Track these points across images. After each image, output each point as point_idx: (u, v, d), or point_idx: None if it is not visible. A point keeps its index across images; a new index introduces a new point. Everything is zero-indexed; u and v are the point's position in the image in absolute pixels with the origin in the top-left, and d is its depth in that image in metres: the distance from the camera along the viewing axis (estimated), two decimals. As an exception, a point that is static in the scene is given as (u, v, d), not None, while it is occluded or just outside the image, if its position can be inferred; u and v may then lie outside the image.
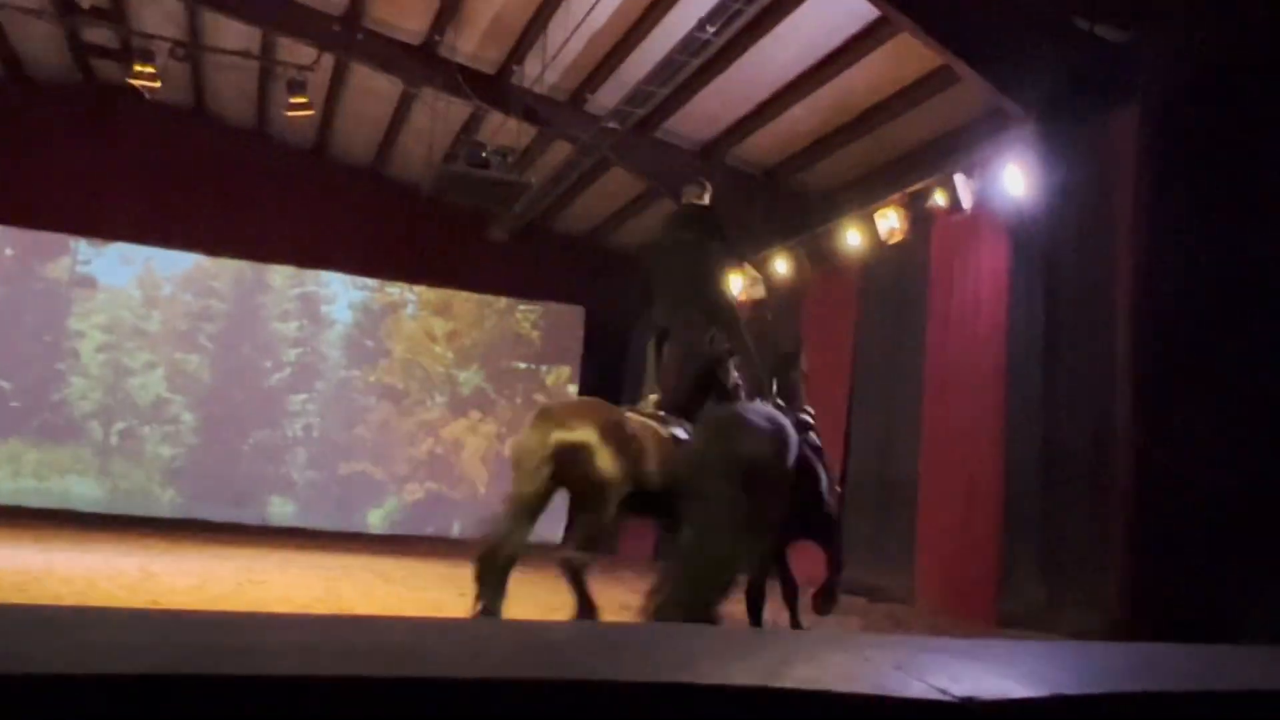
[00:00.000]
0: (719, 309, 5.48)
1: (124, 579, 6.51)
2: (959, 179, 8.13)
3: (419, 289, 15.72)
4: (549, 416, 4.92)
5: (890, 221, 8.88)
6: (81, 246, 14.51)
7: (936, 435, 8.17)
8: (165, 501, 14.22)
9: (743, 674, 2.10)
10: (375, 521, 14.91)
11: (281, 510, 14.66)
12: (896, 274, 9.13)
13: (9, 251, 14.30)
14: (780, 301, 10.89)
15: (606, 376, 15.35)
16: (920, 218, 8.69)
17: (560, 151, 11.88)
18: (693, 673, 2.15)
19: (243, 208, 14.18)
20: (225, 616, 2.15)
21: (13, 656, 1.36)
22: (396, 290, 15.72)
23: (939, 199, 8.36)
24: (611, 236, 14.76)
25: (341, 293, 15.56)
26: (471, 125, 12.14)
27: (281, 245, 14.54)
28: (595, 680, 1.92)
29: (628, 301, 15.06)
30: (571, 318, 16.12)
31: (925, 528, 8.12)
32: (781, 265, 10.64)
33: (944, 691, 1.98)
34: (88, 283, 14.49)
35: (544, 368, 15.99)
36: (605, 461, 4.77)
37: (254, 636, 1.78)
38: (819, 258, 10.30)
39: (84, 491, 13.94)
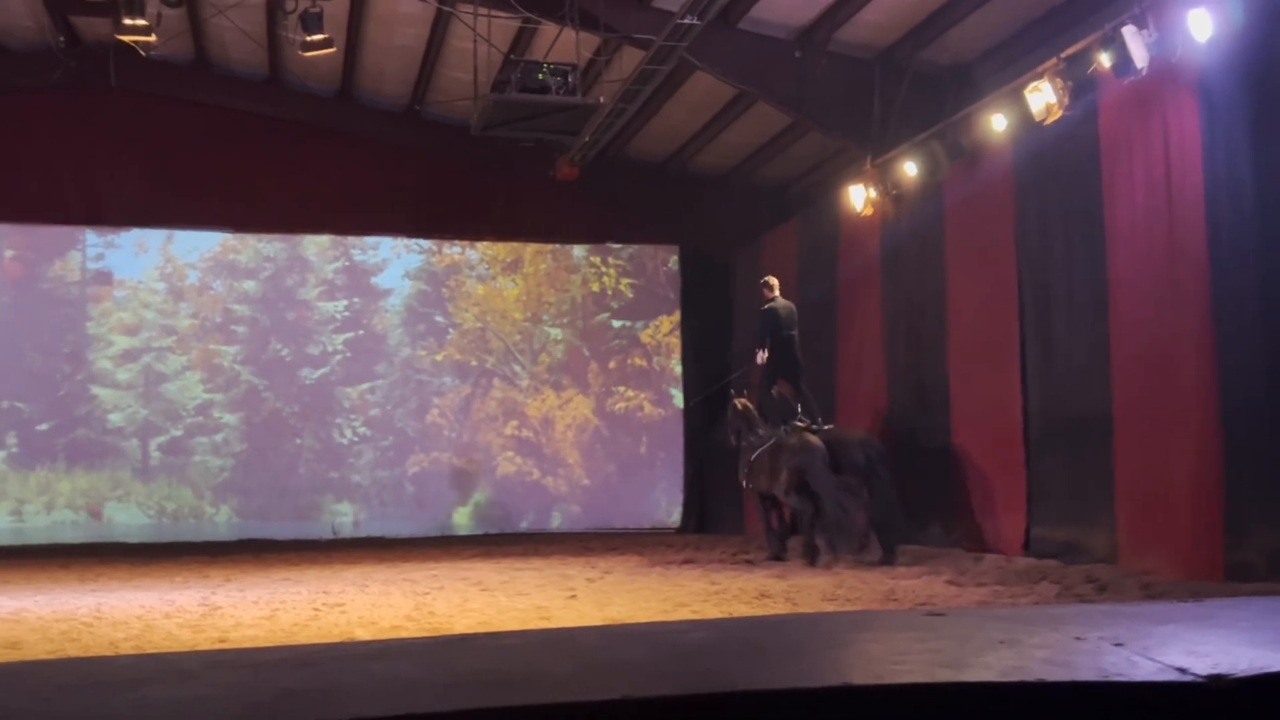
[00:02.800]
0: None
1: (184, 616, 6.78)
2: (1128, 32, 7.77)
3: (482, 246, 15.84)
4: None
5: (1045, 96, 8.56)
6: (90, 238, 15.02)
7: (1131, 353, 7.89)
8: (219, 522, 14.77)
9: (919, 669, 2.04)
10: (461, 521, 15.22)
11: (351, 518, 15.08)
12: (1060, 160, 8.81)
13: (9, 253, 14.89)
14: (914, 211, 10.66)
15: (712, 323, 15.32)
16: (1083, 86, 8.36)
17: (630, 61, 11.77)
18: (857, 670, 2.10)
19: (265, 172, 14.46)
20: (303, 652, 2.19)
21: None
22: (456, 250, 15.89)
23: (1104, 61, 8.02)
24: (700, 156, 14.63)
25: (393, 259, 15.80)
26: (521, 43, 12.11)
27: (315, 211, 14.80)
28: (742, 691, 1.88)
29: (727, 231, 14.95)
30: (664, 259, 16.06)
31: (1125, 470, 7.89)
32: (911, 165, 10.39)
33: (1183, 670, 1.88)
34: (103, 279, 15.01)
35: (639, 322, 16.02)
36: None
37: (338, 673, 1.81)
38: (958, 151, 10.02)
39: (127, 519, 14.57)
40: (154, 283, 15.19)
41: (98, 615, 6.86)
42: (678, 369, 15.88)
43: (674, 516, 15.45)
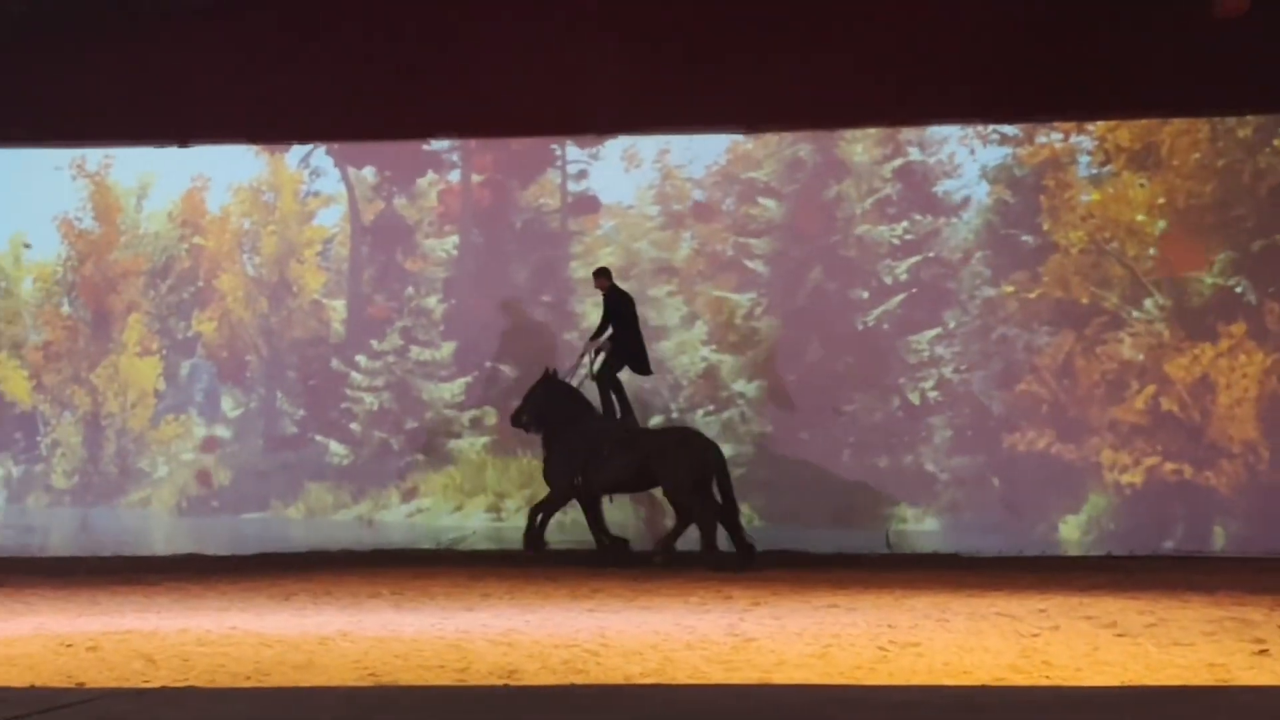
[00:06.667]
0: None
1: (710, 648, 7.20)
2: None
3: (1096, 128, 15.46)
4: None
5: None
6: (571, 152, 16.25)
7: None
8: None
9: None
10: (1071, 535, 15.01)
11: (916, 526, 15.32)
12: None
13: (476, 177, 16.46)
14: None
15: None
16: None
17: None
18: None
19: (782, 49, 14.75)
20: (958, 694, 2.19)
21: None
22: (1057, 137, 15.60)
23: None
24: None
25: (964, 157, 15.79)
26: None
27: (853, 95, 14.93)
28: None
29: None
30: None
31: None
32: None
33: None
34: (588, 205, 16.16)
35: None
36: None
37: None
38: None
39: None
40: (647, 206, 16.12)
41: (603, 642, 7.45)
42: None
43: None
